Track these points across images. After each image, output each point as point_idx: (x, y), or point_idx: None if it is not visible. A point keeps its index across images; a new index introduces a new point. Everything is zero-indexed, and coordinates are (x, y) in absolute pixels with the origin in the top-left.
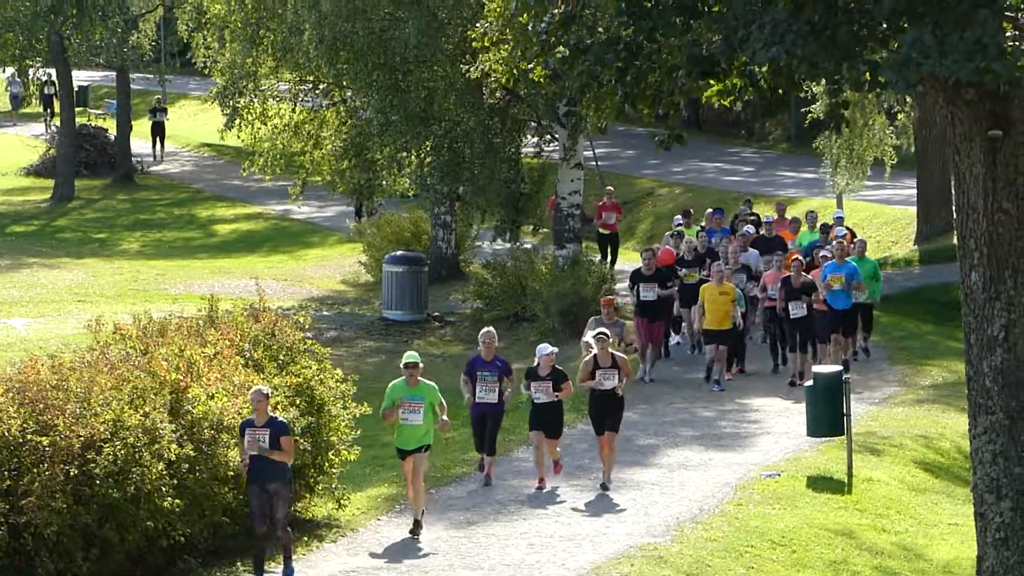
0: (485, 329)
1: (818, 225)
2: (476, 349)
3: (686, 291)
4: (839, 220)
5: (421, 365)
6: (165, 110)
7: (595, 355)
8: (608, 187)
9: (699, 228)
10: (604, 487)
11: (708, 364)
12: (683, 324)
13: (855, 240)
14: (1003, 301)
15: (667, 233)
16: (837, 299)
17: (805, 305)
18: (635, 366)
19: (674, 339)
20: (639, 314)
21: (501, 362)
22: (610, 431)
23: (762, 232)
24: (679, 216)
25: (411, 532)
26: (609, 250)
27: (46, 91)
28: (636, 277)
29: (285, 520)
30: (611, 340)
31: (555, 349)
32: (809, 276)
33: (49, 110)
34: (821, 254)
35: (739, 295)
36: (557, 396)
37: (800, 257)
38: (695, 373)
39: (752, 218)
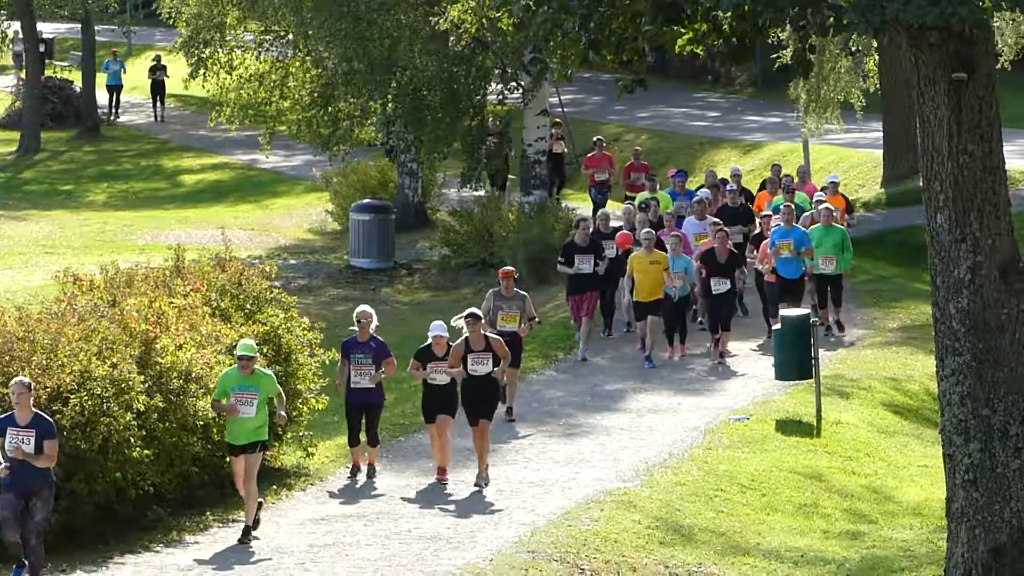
0: (360, 308)
1: (781, 190)
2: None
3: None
4: (834, 185)
5: (257, 356)
6: (165, 68)
7: (466, 338)
8: (636, 147)
9: (649, 196)
10: (478, 485)
11: (641, 337)
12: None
13: (821, 208)
14: (969, 243)
15: (626, 205)
16: (786, 267)
17: (729, 281)
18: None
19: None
20: (572, 290)
21: (377, 343)
22: (483, 419)
23: (726, 200)
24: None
25: (240, 540)
26: None
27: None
28: (570, 249)
29: (42, 526)
30: (515, 316)
31: (445, 334)
32: (735, 250)
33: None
34: (773, 221)
35: (691, 267)
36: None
37: (726, 229)
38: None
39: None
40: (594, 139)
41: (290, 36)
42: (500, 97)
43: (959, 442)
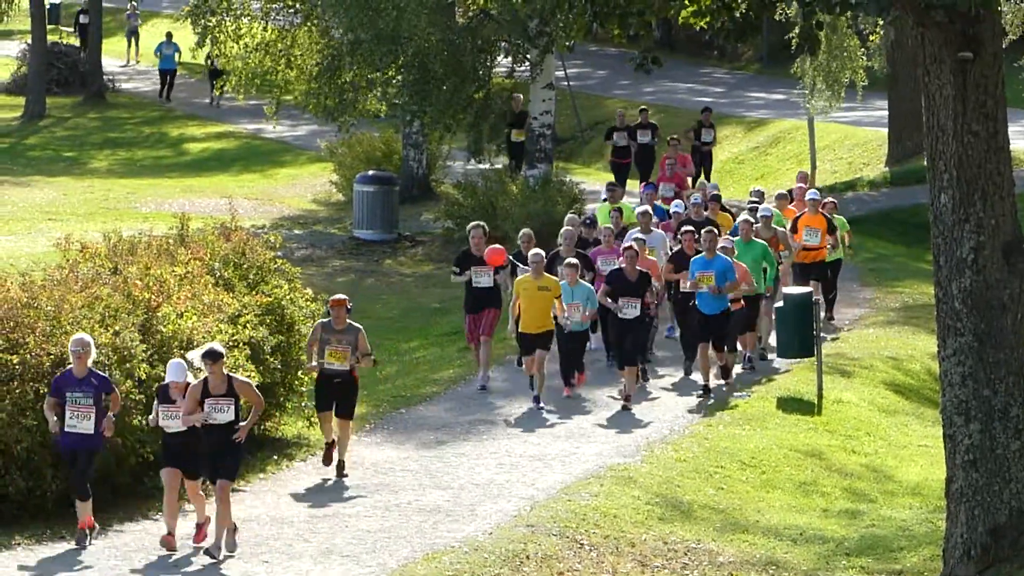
0: (76, 337)
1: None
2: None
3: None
4: (814, 203)
5: None
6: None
7: (205, 379)
8: (673, 136)
9: (612, 208)
10: (210, 554)
11: (528, 374)
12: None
13: (739, 219)
14: (972, 223)
15: (570, 215)
16: (707, 301)
17: (638, 305)
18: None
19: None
20: (468, 306)
21: (98, 379)
22: (223, 479)
23: (689, 214)
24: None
25: None
26: None
27: (80, 20)
28: (466, 259)
29: None
30: (345, 351)
31: (183, 379)
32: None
33: (84, 39)
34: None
35: (589, 293)
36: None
37: (634, 245)
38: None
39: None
40: (669, 137)
41: (297, 5)
42: (508, 70)
43: (960, 422)
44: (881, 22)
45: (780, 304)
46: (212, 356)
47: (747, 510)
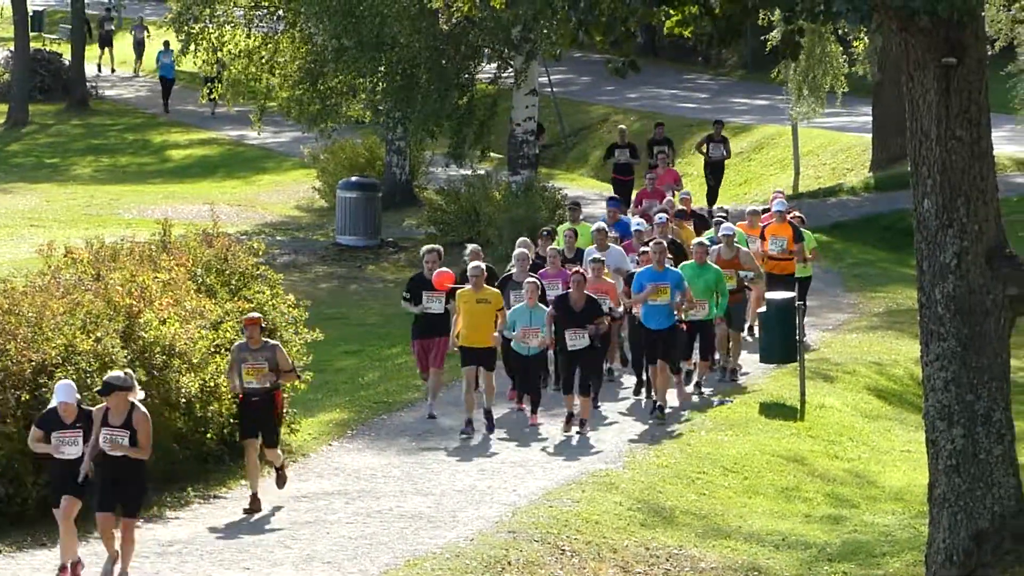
0: None
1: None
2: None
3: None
4: (780, 213)
5: None
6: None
7: (106, 407)
8: (662, 151)
9: (569, 227)
10: None
11: (466, 399)
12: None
13: (693, 242)
14: (955, 228)
15: (523, 237)
16: (654, 316)
17: (586, 335)
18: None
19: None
20: (418, 332)
21: None
22: (126, 517)
23: (654, 235)
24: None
25: None
26: None
27: (105, 27)
28: (417, 283)
29: None
30: (262, 367)
31: (74, 400)
32: (596, 295)
33: (108, 48)
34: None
35: (543, 317)
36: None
37: (582, 271)
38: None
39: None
40: (658, 151)
41: (280, 12)
42: (492, 77)
43: (942, 427)
44: (863, 28)
45: (763, 309)
46: (115, 384)
47: (729, 516)
